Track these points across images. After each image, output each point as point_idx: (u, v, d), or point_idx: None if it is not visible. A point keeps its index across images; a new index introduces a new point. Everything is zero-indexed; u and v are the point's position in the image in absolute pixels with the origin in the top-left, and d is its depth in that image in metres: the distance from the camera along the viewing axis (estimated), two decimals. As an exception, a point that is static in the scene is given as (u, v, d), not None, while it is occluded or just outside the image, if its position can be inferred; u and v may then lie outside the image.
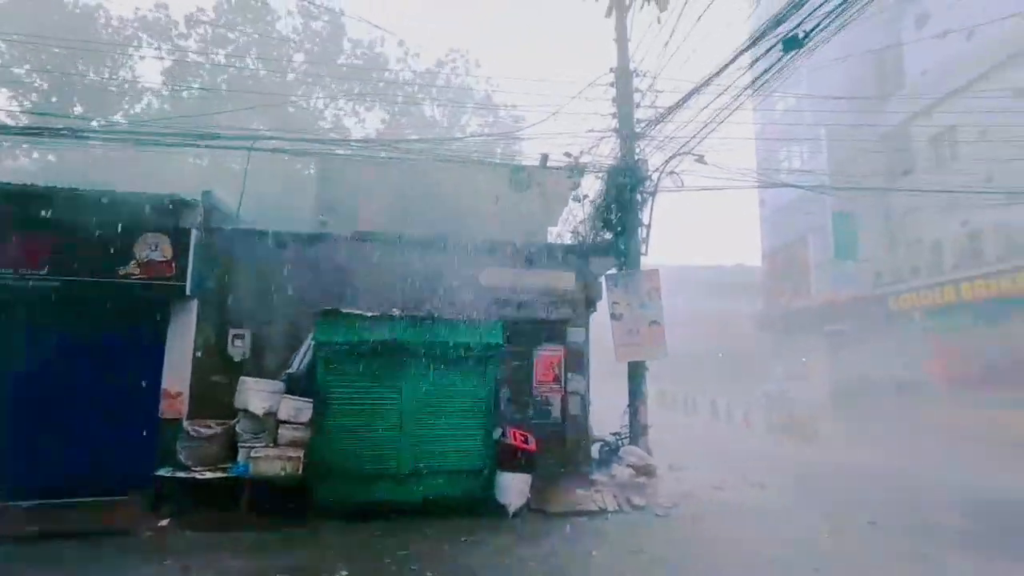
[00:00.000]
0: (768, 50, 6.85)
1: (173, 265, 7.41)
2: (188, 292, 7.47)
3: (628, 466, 8.88)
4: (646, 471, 8.93)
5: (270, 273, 8.22)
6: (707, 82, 8.16)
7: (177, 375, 7.61)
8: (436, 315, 7.15)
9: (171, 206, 7.57)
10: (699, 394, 22.79)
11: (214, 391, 7.65)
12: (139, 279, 7.28)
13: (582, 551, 5.64)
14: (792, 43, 6.00)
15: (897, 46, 20.15)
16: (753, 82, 7.87)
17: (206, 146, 9.52)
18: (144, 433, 7.26)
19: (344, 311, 6.86)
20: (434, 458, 6.85)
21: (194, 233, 7.57)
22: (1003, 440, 13.73)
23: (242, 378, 7.18)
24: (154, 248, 7.35)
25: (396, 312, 7.03)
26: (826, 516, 7.00)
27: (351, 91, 20.72)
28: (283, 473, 6.61)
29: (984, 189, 13.82)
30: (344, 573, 4.82)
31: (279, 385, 7.19)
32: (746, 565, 5.23)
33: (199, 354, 7.78)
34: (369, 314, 6.88)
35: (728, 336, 32.15)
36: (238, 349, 7.94)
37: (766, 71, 7.31)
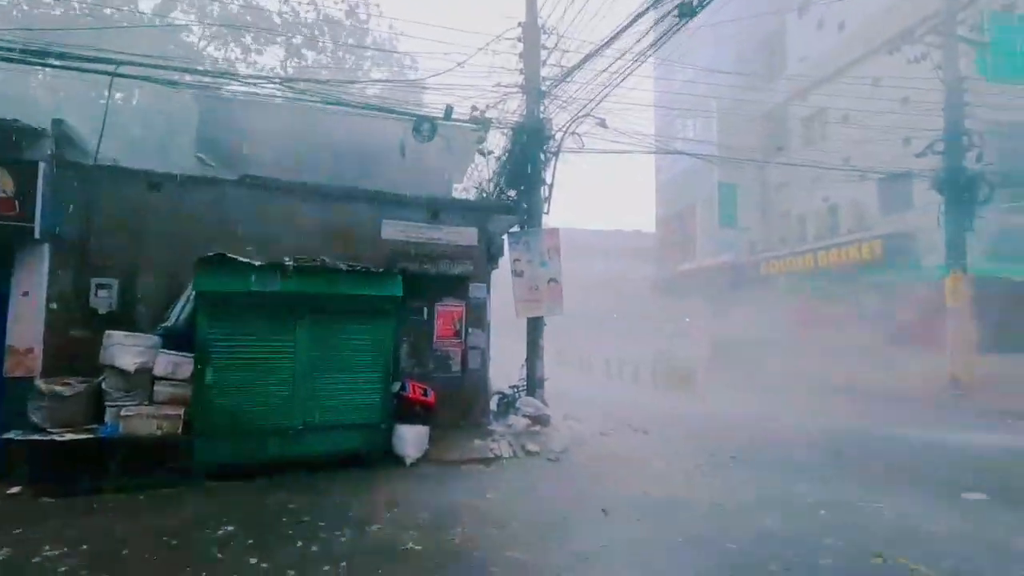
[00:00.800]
0: (665, 15, 7.10)
1: (16, 203, 6.42)
2: (37, 235, 6.55)
3: (524, 416, 9.26)
4: (541, 421, 9.38)
5: (142, 218, 7.42)
6: (608, 44, 8.32)
7: (26, 329, 6.73)
8: (332, 266, 6.86)
9: (12, 135, 6.52)
10: (595, 352, 24.08)
11: (75, 347, 6.87)
12: (-28, 217, 6.26)
13: (477, 494, 5.85)
14: (687, 9, 6.25)
15: (782, 32, 21.67)
16: (652, 45, 8.14)
17: (59, 66, 8.19)
18: (-15, 394, 6.40)
19: (230, 258, 6.38)
20: (330, 413, 6.70)
21: (42, 167, 6.58)
22: (848, 388, 15.91)
23: (108, 332, 6.48)
24: (-10, 181, 6.32)
25: (288, 261, 6.65)
26: (694, 454, 7.79)
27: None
28: (159, 432, 6.15)
29: (842, 168, 15.49)
30: (230, 528, 4.64)
31: (153, 339, 6.60)
32: (619, 497, 5.71)
33: (54, 306, 6.92)
34: (258, 263, 6.45)
35: (625, 298, 34.05)
36: (103, 300, 7.14)
37: (664, 36, 7.58)
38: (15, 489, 5.53)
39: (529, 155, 10.11)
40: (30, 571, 3.83)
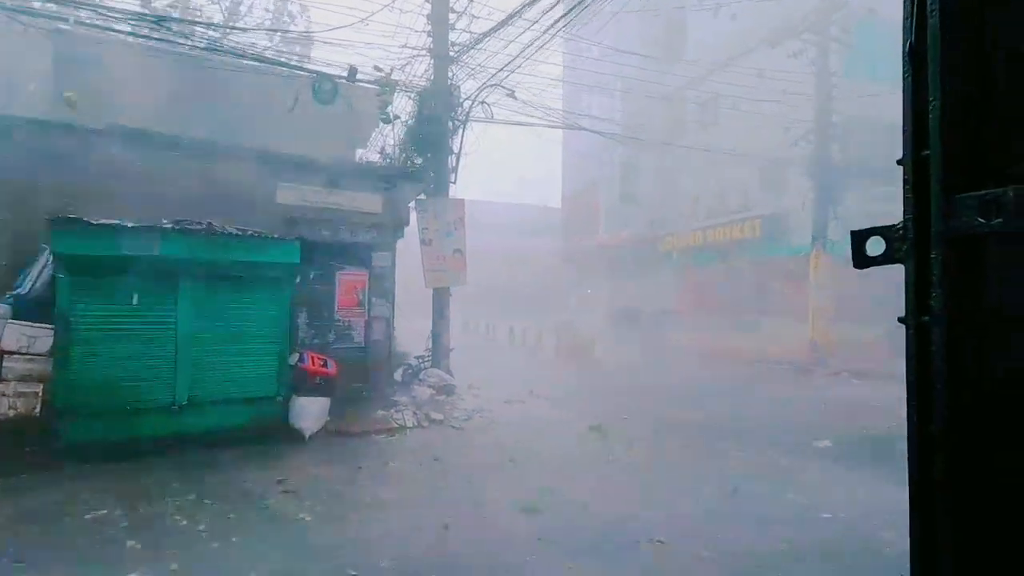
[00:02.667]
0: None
1: None
2: None
3: (429, 386, 9.27)
4: (446, 390, 9.43)
5: (-19, 169, 6.40)
6: (518, 14, 8.27)
7: None
8: (219, 230, 6.36)
9: None
10: (502, 323, 24.46)
11: None
12: None
13: (379, 463, 5.82)
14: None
15: (683, 18, 22.60)
16: (561, 18, 8.20)
17: None
18: None
19: (91, 221, 5.70)
20: (220, 386, 6.29)
21: None
22: (726, 353, 17.46)
23: (-58, 300, 5.62)
24: None
25: (166, 223, 6.07)
26: (591, 417, 8.25)
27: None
28: (12, 413, 5.48)
29: (730, 152, 16.68)
30: (102, 512, 4.27)
31: (1, 308, 5.79)
32: (517, 459, 5.95)
33: None
34: (129, 224, 5.82)
35: (532, 271, 34.75)
36: (-67, 263, 6.14)
37: (571, 10, 7.67)
38: None
39: (437, 122, 9.89)
40: None
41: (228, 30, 10.48)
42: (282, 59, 9.67)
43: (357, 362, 8.64)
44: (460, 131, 10.28)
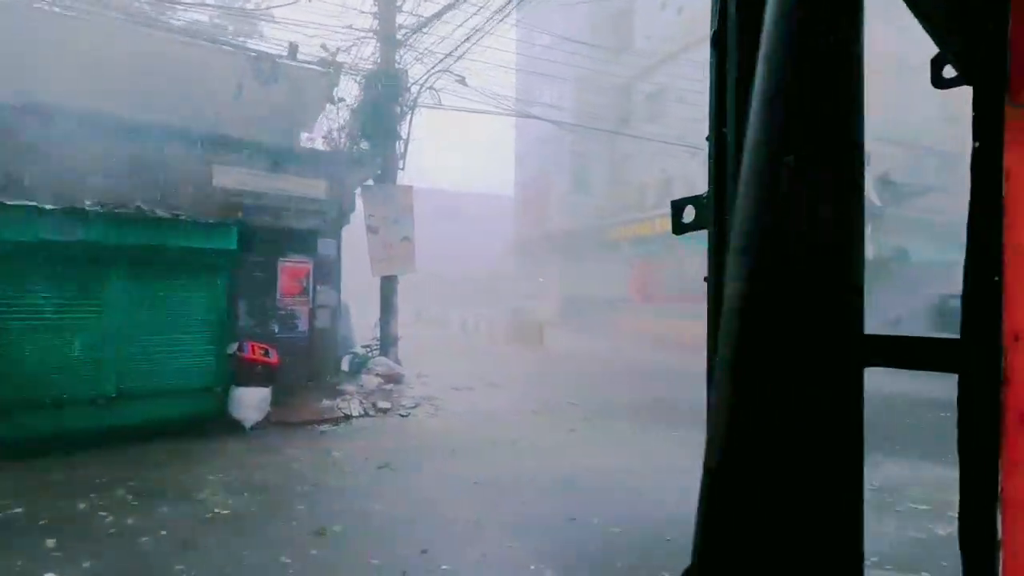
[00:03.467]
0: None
1: None
2: None
3: (377, 375, 9.18)
4: (394, 379, 9.37)
5: None
6: (466, -2, 8.19)
7: None
8: (149, 214, 6.06)
9: None
10: (453, 311, 24.41)
11: None
12: None
13: (321, 453, 5.74)
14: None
15: (631, 9, 22.91)
16: (509, 2, 8.17)
17: None
18: None
19: (6, 202, 5.32)
20: (152, 377, 6.03)
21: None
22: (676, 342, 18.05)
23: None
24: None
25: (89, 206, 5.73)
26: (538, 403, 8.40)
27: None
28: (-84, 409, 5.07)
29: (677, 143, 17.13)
30: (17, 511, 4.04)
31: (-99, 297, 5.34)
32: (464, 447, 6.01)
33: None
34: (48, 207, 5.46)
35: (485, 260, 34.73)
36: None
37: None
38: None
39: (384, 106, 9.70)
40: None
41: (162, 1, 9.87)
42: (222, 35, 9.21)
43: (301, 351, 8.45)
44: (408, 116, 10.13)
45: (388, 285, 10.01)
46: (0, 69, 9.69)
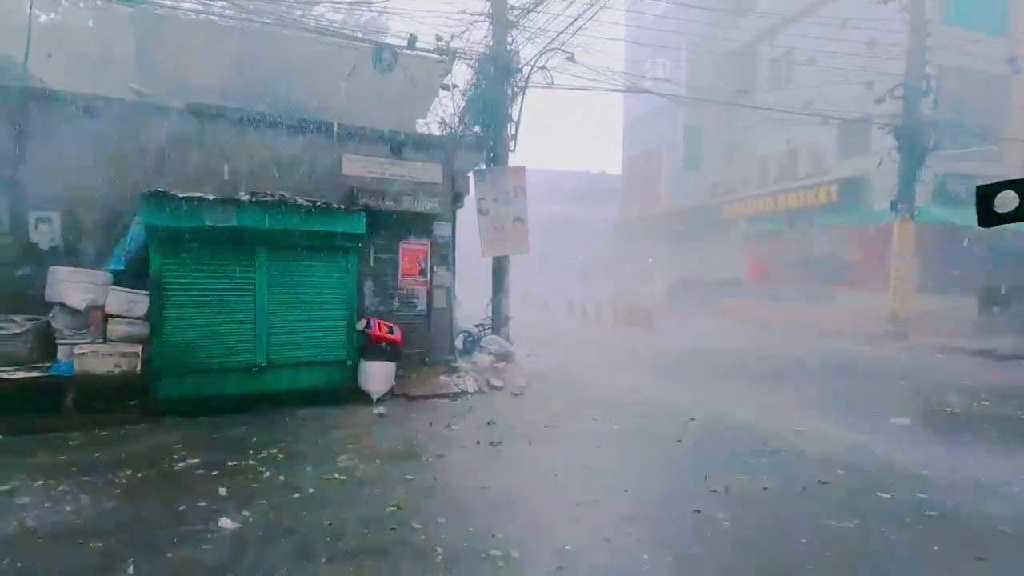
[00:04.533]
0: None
1: (-64, 127, 5.90)
2: (-36, 163, 6.07)
3: (489, 353, 9.46)
4: (505, 357, 9.60)
5: (79, 145, 6.93)
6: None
7: (-39, 265, 6.35)
8: (291, 201, 6.64)
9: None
10: (559, 292, 24.46)
11: (16, 283, 6.58)
12: None
13: (441, 425, 6.04)
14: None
15: (755, -36, 21.03)
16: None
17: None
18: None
19: (178, 195, 6.07)
20: (294, 350, 6.68)
21: (-36, 88, 6.02)
22: (794, 324, 16.74)
23: (53, 268, 6.20)
24: (-97, 103, 5.75)
25: (243, 196, 6.39)
26: (646, 387, 8.18)
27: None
28: (117, 371, 6.02)
29: (804, 112, 15.61)
30: (194, 460, 4.68)
31: (103, 275, 6.34)
32: (575, 429, 6.01)
33: (-10, 240, 6.53)
34: (210, 197, 6.18)
35: (589, 240, 34.30)
36: (44, 234, 6.77)
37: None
38: (-35, 428, 5.38)
39: (496, 89, 9.80)
40: (-10, 505, 3.80)
41: (294, 2, 10.69)
42: (346, 31, 9.80)
43: (420, 329, 8.91)
44: (519, 98, 10.15)
45: (500, 265, 10.20)
46: (163, 76, 11.05)
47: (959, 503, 4.03)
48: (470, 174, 9.84)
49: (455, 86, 10.70)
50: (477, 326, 10.50)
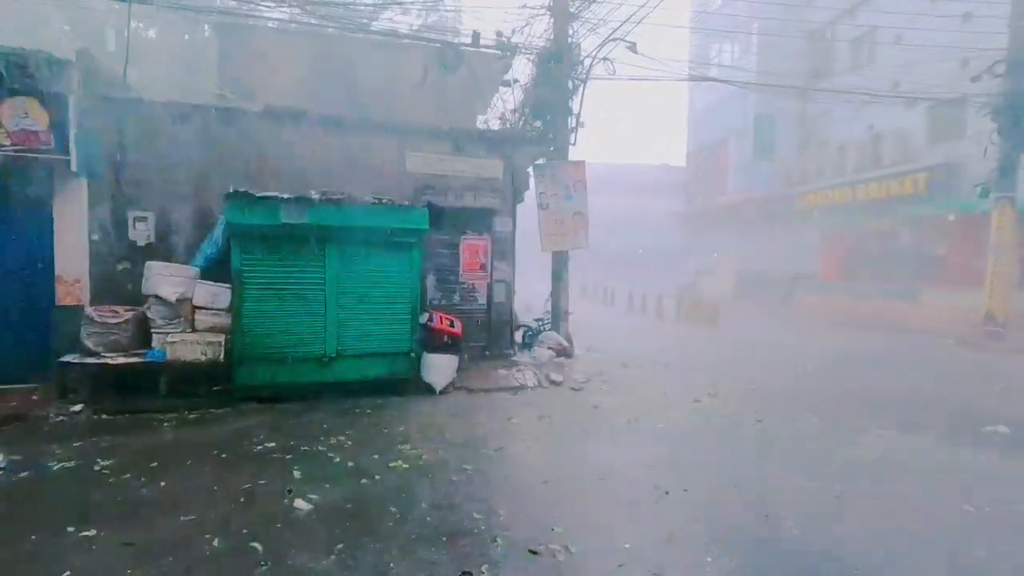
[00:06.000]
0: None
1: (51, 136, 6.54)
2: (74, 168, 6.68)
3: (548, 348, 9.46)
4: (565, 352, 9.57)
5: (170, 150, 7.50)
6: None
7: (72, 260, 7.02)
8: (359, 199, 6.90)
9: (39, 65, 6.53)
10: (619, 287, 24.06)
11: (117, 277, 7.24)
12: (12, 150, 6.40)
13: (501, 418, 6.12)
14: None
15: (834, -61, 19.75)
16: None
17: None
18: (40, 321, 6.80)
19: (257, 194, 6.46)
20: (361, 341, 6.96)
21: (72, 99, 6.64)
22: (876, 323, 15.69)
23: (149, 263, 6.76)
24: (23, 115, 6.42)
25: (314, 195, 6.70)
26: (710, 386, 7.91)
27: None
28: (204, 358, 6.50)
29: (890, 94, 14.53)
30: (271, 444, 4.98)
31: (191, 270, 6.85)
32: (636, 427, 5.91)
33: (95, 238, 7.18)
34: (285, 196, 6.52)
35: (651, 233, 33.54)
36: (141, 232, 7.39)
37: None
38: (77, 407, 5.98)
39: (556, 83, 9.74)
40: (91, 478, 4.21)
41: (360, 8, 11.07)
42: (411, 31, 10.04)
43: (480, 323, 9.04)
44: (580, 91, 10.05)
45: (559, 260, 10.17)
46: (243, 82, 11.71)
47: None
48: (530, 169, 9.85)
49: (516, 81, 10.73)
50: (536, 320, 10.52)
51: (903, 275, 16.25)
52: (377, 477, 4.29)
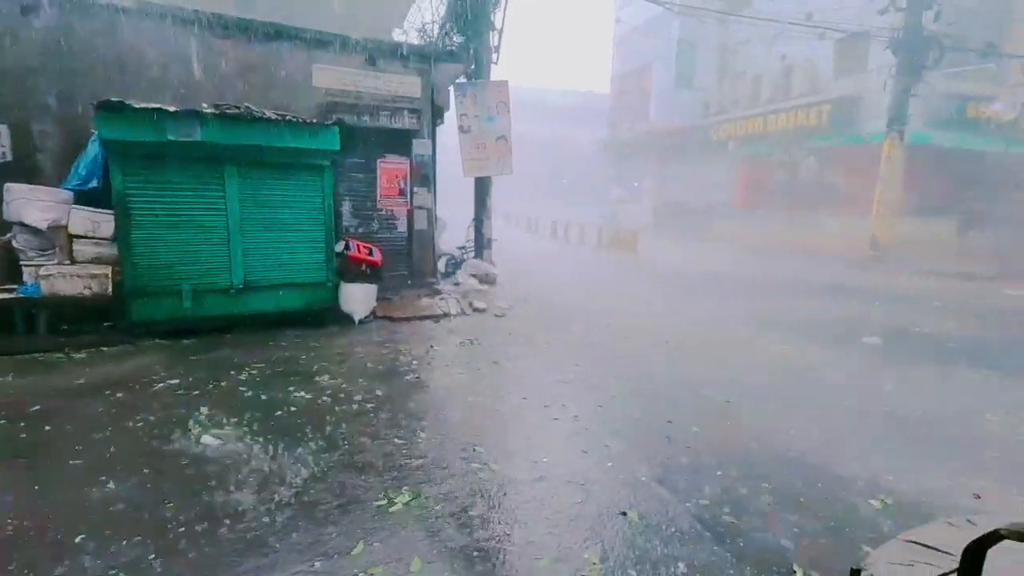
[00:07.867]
0: None
1: None
2: None
3: (472, 276, 9.41)
4: (488, 280, 9.56)
5: (22, 52, 6.36)
6: None
7: (-92, 181, 5.96)
8: (260, 114, 6.24)
9: None
10: (542, 215, 24.17)
11: (-29, 202, 6.24)
12: None
13: (423, 346, 6.06)
14: None
15: None
16: None
17: None
18: None
19: (136, 105, 5.65)
20: (272, 271, 6.54)
21: None
22: (785, 252, 16.86)
23: (8, 185, 5.87)
24: None
25: (207, 108, 5.98)
26: (628, 304, 8.26)
27: None
28: (88, 292, 5.86)
29: (803, 23, 14.85)
30: (173, 382, 4.66)
31: (63, 193, 6.02)
32: (559, 348, 6.08)
33: (-65, 155, 6.11)
34: (171, 109, 5.77)
35: (575, 161, 33.57)
36: (-6, 149, 6.35)
37: None
38: (-66, 350, 5.27)
39: (477, -7, 9.07)
40: (-34, 425, 3.77)
41: None
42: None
43: (401, 251, 8.77)
44: (503, 5, 9.45)
45: (482, 186, 9.93)
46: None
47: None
48: (450, 88, 9.33)
49: (434, -11, 9.90)
50: (460, 248, 10.38)
51: (808, 204, 17.39)
52: (292, 409, 4.14)
